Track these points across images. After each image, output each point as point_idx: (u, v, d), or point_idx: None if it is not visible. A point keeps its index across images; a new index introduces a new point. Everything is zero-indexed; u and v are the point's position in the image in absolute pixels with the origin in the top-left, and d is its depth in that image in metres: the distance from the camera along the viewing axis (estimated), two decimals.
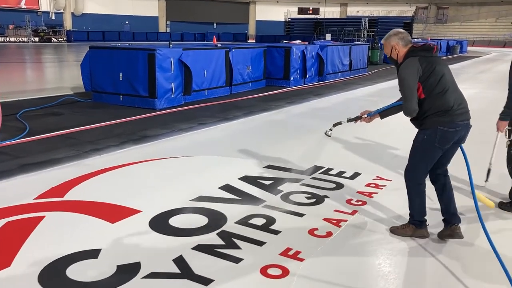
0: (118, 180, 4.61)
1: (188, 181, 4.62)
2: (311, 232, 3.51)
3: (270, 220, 3.69)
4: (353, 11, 60.24)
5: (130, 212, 3.80)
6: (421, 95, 3.15)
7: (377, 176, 4.89)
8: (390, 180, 4.78)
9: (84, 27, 48.42)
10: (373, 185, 4.62)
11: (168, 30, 57.52)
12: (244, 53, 11.29)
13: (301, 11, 59.73)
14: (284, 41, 18.64)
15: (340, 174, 4.97)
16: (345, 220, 3.74)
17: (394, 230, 3.53)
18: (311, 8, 59.85)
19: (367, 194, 4.37)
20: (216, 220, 3.67)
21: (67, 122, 7.17)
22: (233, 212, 3.83)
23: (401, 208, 4.00)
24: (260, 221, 3.67)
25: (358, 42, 22.46)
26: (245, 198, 4.18)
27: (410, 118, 3.35)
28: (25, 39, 37.83)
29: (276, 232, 3.48)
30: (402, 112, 3.41)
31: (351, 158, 5.63)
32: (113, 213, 3.78)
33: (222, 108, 8.76)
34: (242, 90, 11.20)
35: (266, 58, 12.23)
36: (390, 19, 55.02)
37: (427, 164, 3.33)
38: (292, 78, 12.51)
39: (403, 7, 58.44)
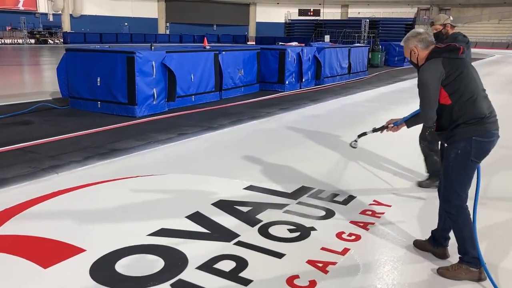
0: (68, 207, 3.91)
1: (151, 208, 3.93)
2: (290, 281, 2.81)
3: (241, 264, 3.00)
4: (354, 12, 59.54)
5: (72, 251, 3.11)
6: (447, 101, 2.78)
7: (374, 201, 4.19)
8: (389, 206, 4.08)
9: (82, 29, 47.81)
10: (370, 213, 3.92)
11: (167, 32, 56.91)
12: (236, 55, 10.60)
13: (301, 12, 58.94)
14: (280, 43, 17.93)
15: (331, 197, 4.27)
16: (334, 263, 3.04)
17: (444, 272, 2.89)
18: (311, 10, 59.07)
19: (361, 225, 3.67)
20: (173, 263, 2.98)
21: (34, 132, 6.50)
22: (198, 251, 3.14)
23: (403, 243, 3.33)
24: (228, 265, 2.97)
25: (358, 44, 21.74)
26: (215, 231, 3.49)
27: (436, 130, 2.95)
28: (20, 41, 37.19)
29: (246, 282, 2.79)
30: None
31: (345, 177, 4.93)
32: (50, 253, 3.09)
33: (208, 116, 8.07)
34: (234, 95, 10.52)
35: (259, 61, 11.54)
36: (391, 20, 54.26)
37: (467, 183, 2.81)
38: (287, 82, 11.81)
39: (404, 9, 57.69)
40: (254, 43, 47.51)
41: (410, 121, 3.21)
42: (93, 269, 2.89)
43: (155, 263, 2.98)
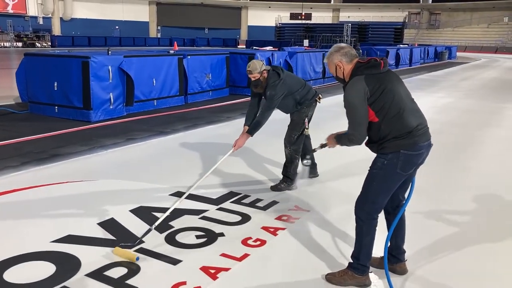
0: None
1: (66, 214, 3.94)
2: None
3: (133, 271, 3.00)
4: (345, 16, 59.80)
5: None
6: (374, 119, 2.76)
7: (295, 206, 4.22)
8: (308, 211, 4.11)
9: (73, 32, 47.73)
10: (285, 218, 3.95)
11: (159, 35, 56.92)
12: (202, 60, 10.63)
13: (293, 16, 59.17)
14: (254, 47, 18.03)
15: (254, 203, 4.29)
16: (227, 269, 3.06)
17: (330, 278, 2.94)
18: (303, 14, 59.28)
19: (272, 230, 3.69)
20: (65, 270, 2.98)
21: None
22: (95, 258, 3.15)
23: (306, 248, 3.35)
24: (118, 272, 2.98)
25: None
26: (120, 238, 3.49)
27: (366, 144, 2.90)
28: (7, 44, 37.07)
29: None
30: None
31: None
32: None
33: (165, 120, 8.08)
34: (201, 99, 10.55)
35: (229, 65, 11.58)
36: (381, 24, 54.61)
37: (386, 194, 2.82)
38: None
39: (395, 13, 58.01)
40: (244, 46, 47.65)
41: (341, 139, 3.08)
42: None
43: (46, 270, 2.98)
